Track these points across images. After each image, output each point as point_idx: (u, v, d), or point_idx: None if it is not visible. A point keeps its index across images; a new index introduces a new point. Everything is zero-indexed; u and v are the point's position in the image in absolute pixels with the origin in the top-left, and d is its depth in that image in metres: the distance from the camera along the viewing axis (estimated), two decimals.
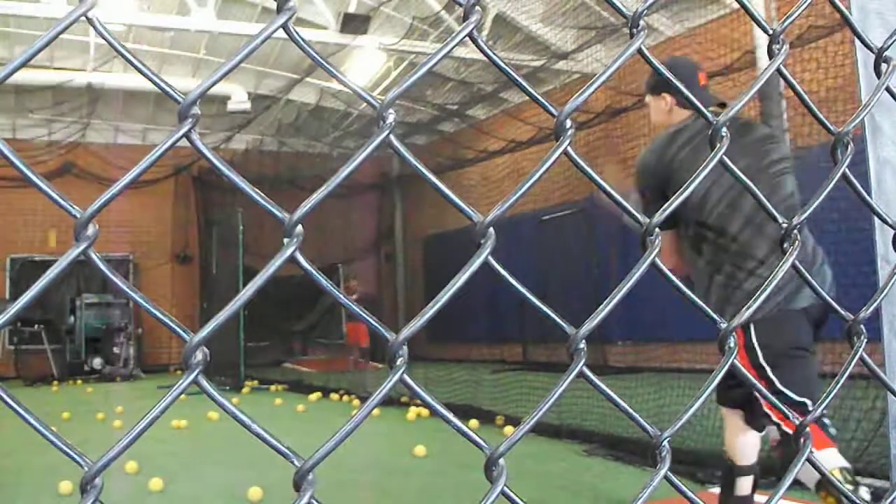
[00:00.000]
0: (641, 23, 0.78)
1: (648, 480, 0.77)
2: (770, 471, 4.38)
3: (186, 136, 0.60)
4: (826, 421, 2.75)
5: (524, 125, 13.08)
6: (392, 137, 0.67)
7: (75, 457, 0.57)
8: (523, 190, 0.73)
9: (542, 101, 0.76)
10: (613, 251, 11.96)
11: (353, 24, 12.07)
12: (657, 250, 0.79)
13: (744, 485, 2.85)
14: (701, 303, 0.88)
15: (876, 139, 2.72)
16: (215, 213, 15.73)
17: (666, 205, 0.81)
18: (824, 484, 2.36)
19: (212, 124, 15.31)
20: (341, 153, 16.05)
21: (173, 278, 17.11)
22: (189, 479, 5.42)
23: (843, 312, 0.96)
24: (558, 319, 0.74)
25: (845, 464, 2.53)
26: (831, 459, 2.52)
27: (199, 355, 0.60)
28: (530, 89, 0.78)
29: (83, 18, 0.58)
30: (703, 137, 2.86)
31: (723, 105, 3.04)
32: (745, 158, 2.75)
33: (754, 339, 2.67)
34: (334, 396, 10.19)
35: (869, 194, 1.63)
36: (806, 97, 0.93)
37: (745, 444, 2.92)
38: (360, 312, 0.69)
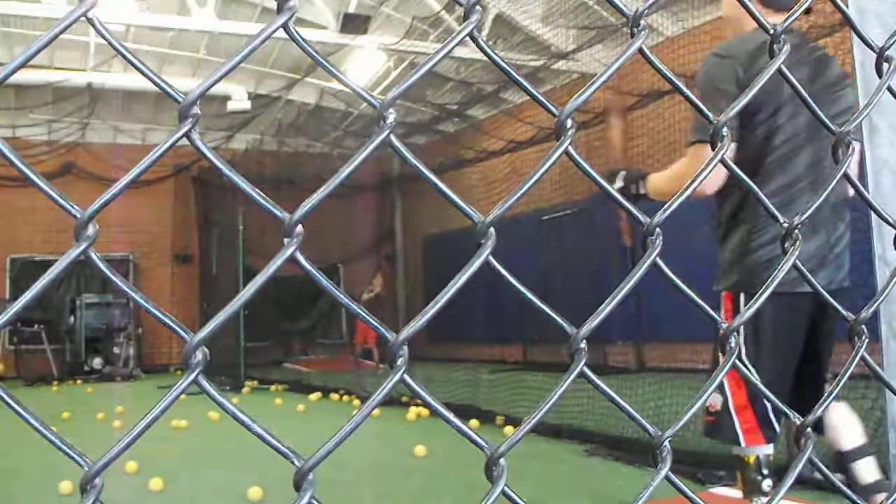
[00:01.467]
0: (642, 22, 0.78)
1: (649, 480, 0.77)
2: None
3: (187, 135, 0.60)
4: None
5: (524, 125, 13.07)
6: (392, 137, 0.67)
7: (75, 457, 0.57)
8: (523, 190, 0.73)
9: (543, 100, 0.76)
10: (613, 251, 11.96)
11: (353, 24, 12.07)
12: (658, 250, 0.79)
13: (863, 469, 2.49)
14: (701, 302, 0.88)
15: (873, 139, 2.71)
16: (215, 213, 15.72)
17: (667, 204, 0.81)
18: (738, 462, 2.56)
19: (212, 124, 15.31)
20: (341, 153, 16.04)
21: (173, 278, 17.11)
22: (189, 479, 5.42)
23: (843, 313, 0.96)
24: (559, 319, 0.74)
25: (767, 451, 2.56)
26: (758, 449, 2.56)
27: (199, 355, 0.60)
28: (531, 89, 0.78)
29: (83, 18, 0.58)
30: (795, 63, 2.41)
31: (808, 10, 2.73)
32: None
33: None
34: (334, 396, 10.18)
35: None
36: (807, 97, 0.93)
37: (840, 425, 2.56)
38: (360, 312, 0.69)
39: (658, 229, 0.79)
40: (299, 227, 0.63)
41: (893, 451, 1.16)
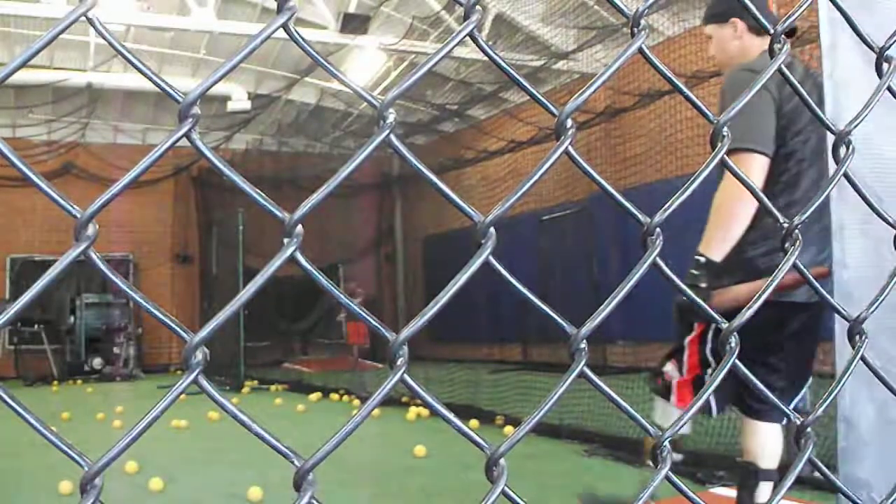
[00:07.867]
0: (642, 22, 0.78)
1: (649, 481, 0.77)
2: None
3: (187, 136, 0.60)
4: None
5: (524, 125, 13.07)
6: (392, 137, 0.67)
7: (75, 457, 0.57)
8: (523, 190, 0.73)
9: (543, 100, 0.76)
10: (613, 251, 11.96)
11: (353, 24, 12.08)
12: (658, 250, 0.79)
13: (765, 491, 2.63)
14: (702, 303, 0.88)
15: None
16: (215, 213, 15.72)
17: (667, 205, 0.81)
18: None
19: (212, 124, 15.31)
20: (341, 153, 16.04)
21: (173, 278, 17.10)
22: (189, 479, 5.42)
23: (843, 313, 0.95)
24: (559, 319, 0.74)
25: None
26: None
27: (199, 355, 0.59)
28: (531, 89, 0.78)
29: (83, 18, 0.58)
30: (808, 87, 2.47)
31: (793, 33, 2.69)
32: (818, 131, 2.52)
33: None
34: (334, 396, 10.18)
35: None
36: (806, 97, 0.93)
37: (764, 445, 2.71)
38: (360, 312, 0.69)
39: (658, 229, 0.79)
40: (299, 227, 0.63)
41: (842, 444, 1.16)
